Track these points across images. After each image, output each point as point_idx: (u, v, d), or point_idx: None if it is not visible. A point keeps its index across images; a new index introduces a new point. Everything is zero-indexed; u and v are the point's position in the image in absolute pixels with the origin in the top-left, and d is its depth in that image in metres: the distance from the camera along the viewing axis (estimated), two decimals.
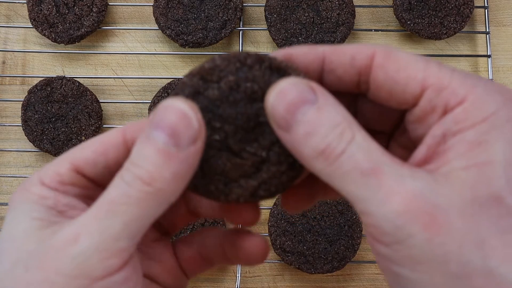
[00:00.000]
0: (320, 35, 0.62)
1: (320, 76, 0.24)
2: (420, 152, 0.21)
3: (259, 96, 0.22)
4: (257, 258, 0.26)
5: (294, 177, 0.24)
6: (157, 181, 0.20)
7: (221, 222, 0.57)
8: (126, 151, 0.24)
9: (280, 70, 0.23)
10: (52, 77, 0.61)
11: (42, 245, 0.21)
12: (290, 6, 0.62)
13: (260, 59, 0.23)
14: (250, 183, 0.23)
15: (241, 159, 0.23)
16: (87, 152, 0.23)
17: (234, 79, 0.22)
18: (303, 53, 0.24)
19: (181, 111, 0.21)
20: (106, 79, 0.65)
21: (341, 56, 0.23)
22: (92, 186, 0.24)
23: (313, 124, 0.20)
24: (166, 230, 0.28)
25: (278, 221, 0.57)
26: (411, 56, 0.22)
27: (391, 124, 0.25)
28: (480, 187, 0.19)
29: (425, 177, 0.20)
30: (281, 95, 0.21)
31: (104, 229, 0.20)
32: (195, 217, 0.29)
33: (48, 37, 0.62)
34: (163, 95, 0.60)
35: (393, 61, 0.22)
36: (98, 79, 0.65)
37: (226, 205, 0.26)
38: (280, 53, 0.24)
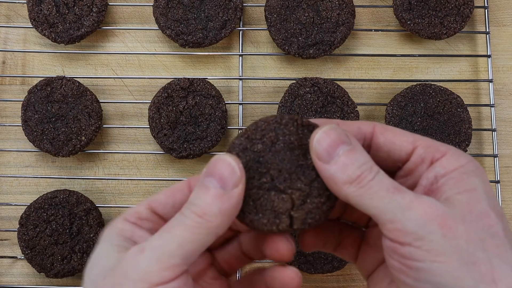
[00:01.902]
0: (320, 35, 0.62)
1: None
2: (418, 191, 0.29)
3: (295, 146, 0.29)
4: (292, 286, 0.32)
5: (331, 207, 0.30)
6: (207, 215, 0.27)
7: None
8: (189, 195, 0.30)
9: (309, 126, 0.30)
10: (52, 77, 0.61)
11: (117, 261, 0.27)
12: (290, 6, 0.62)
13: (292, 118, 0.30)
14: (300, 213, 0.29)
15: (286, 194, 0.29)
16: (160, 195, 0.31)
17: (274, 134, 0.30)
18: (322, 122, 0.31)
19: (228, 163, 0.28)
20: (106, 79, 0.65)
21: (351, 126, 0.31)
22: (162, 222, 0.30)
23: (350, 158, 0.28)
24: (225, 270, 0.35)
25: None
26: (399, 129, 0.31)
27: None
28: (473, 204, 0.27)
29: (433, 198, 0.27)
30: (325, 135, 0.28)
31: (163, 246, 0.27)
32: (248, 259, 0.35)
33: (48, 37, 0.62)
34: (163, 95, 0.60)
35: (390, 130, 0.30)
36: (98, 79, 0.65)
37: (267, 241, 0.31)
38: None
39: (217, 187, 0.27)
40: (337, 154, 0.28)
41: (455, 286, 0.25)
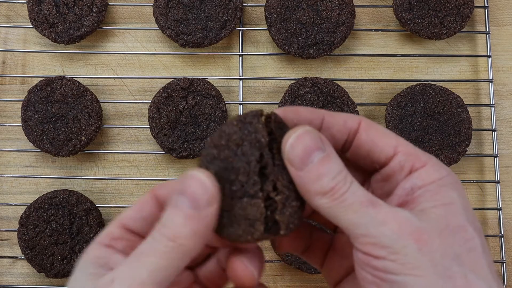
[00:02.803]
0: (320, 35, 0.62)
1: (319, 129, 0.30)
2: (393, 201, 0.28)
3: (263, 144, 0.26)
4: None
5: (303, 211, 0.28)
6: (179, 238, 0.26)
7: None
8: (157, 206, 0.29)
9: (280, 122, 0.28)
10: (52, 77, 0.61)
11: None
12: (290, 6, 0.62)
13: (256, 114, 0.27)
14: (283, 217, 0.27)
15: (257, 199, 0.26)
16: (129, 211, 0.30)
17: (239, 136, 0.27)
18: (308, 111, 0.30)
19: (200, 180, 0.26)
20: (106, 79, 0.65)
21: (337, 118, 0.30)
22: (136, 238, 0.29)
23: (324, 168, 0.26)
24: None
25: None
26: (385, 128, 0.29)
27: None
28: (450, 218, 0.26)
29: (407, 210, 0.27)
30: (299, 140, 0.27)
31: (133, 275, 0.25)
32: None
33: (48, 37, 0.62)
34: (163, 95, 0.60)
35: (374, 128, 0.29)
36: (98, 79, 0.65)
37: (227, 266, 0.30)
38: (289, 108, 0.30)
39: (189, 207, 0.26)
40: (311, 162, 0.26)
41: None
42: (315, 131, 0.27)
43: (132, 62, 0.66)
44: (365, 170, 0.31)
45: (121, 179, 0.63)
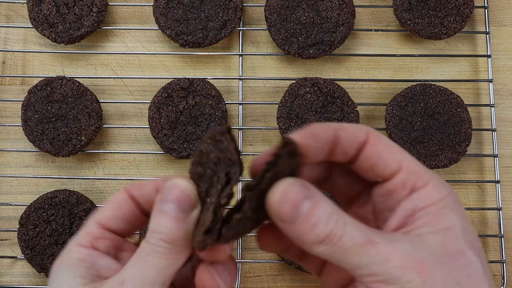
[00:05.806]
0: (320, 35, 0.62)
1: (333, 146, 0.30)
2: (394, 221, 0.28)
3: (234, 162, 0.27)
4: None
5: (256, 227, 0.29)
6: (175, 240, 0.28)
7: None
8: (135, 205, 0.30)
9: (291, 152, 0.27)
10: (52, 77, 0.61)
11: None
12: (290, 6, 0.62)
13: (223, 131, 0.27)
14: (228, 233, 0.27)
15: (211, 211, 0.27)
16: (106, 211, 0.30)
17: (215, 155, 0.28)
18: (322, 129, 0.29)
19: (182, 187, 0.28)
20: (106, 79, 0.65)
21: (348, 132, 0.29)
22: (117, 237, 0.31)
23: (315, 216, 0.26)
24: None
25: None
26: (392, 142, 0.30)
27: (351, 197, 0.33)
28: (448, 244, 0.26)
29: (406, 239, 0.27)
30: (285, 195, 0.26)
31: (142, 275, 0.27)
32: None
33: (48, 37, 0.62)
34: (163, 95, 0.60)
35: (382, 142, 0.29)
36: (98, 79, 0.65)
37: (196, 274, 0.30)
38: (306, 133, 0.29)
39: (177, 211, 0.28)
40: (301, 214, 0.26)
41: None
42: (297, 180, 0.27)
43: (132, 62, 0.66)
44: (367, 181, 0.31)
45: (121, 179, 0.63)
